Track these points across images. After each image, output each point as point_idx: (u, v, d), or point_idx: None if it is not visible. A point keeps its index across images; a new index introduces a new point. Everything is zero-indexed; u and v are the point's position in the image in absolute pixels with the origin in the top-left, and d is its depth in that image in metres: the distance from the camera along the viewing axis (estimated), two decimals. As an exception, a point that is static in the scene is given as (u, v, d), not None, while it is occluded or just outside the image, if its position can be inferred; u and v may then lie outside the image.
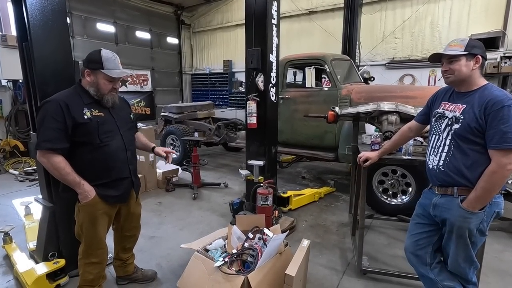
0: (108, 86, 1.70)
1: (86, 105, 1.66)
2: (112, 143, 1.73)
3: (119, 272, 2.22)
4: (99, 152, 1.68)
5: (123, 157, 1.80)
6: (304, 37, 8.66)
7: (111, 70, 1.66)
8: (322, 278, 2.34)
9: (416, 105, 2.90)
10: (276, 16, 2.99)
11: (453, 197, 1.50)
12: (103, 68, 1.64)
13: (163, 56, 10.88)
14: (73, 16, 8.10)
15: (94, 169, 1.69)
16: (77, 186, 1.64)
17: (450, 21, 6.72)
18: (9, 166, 5.46)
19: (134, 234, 2.15)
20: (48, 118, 1.56)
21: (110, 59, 1.66)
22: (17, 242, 2.67)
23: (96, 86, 1.68)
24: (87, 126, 1.63)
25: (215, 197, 4.15)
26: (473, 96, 1.46)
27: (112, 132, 1.74)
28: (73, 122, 1.59)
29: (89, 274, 1.84)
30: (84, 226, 1.74)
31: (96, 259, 1.83)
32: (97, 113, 1.68)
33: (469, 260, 1.54)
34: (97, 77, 1.66)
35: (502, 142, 1.33)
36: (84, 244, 1.81)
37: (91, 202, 1.68)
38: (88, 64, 1.67)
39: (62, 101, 1.59)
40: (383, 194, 3.39)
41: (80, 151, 1.66)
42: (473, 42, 1.47)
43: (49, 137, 1.55)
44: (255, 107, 3.02)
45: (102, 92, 1.69)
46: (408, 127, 1.91)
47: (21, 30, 2.11)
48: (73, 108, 1.60)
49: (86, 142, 1.65)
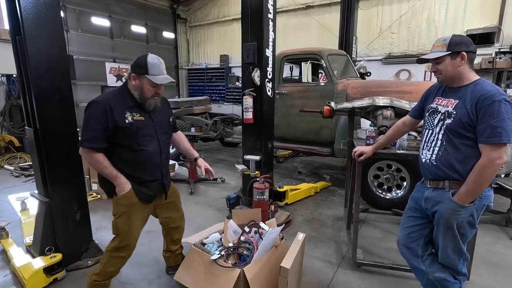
0: (152, 91, 1.73)
1: (129, 108, 1.72)
2: (149, 147, 1.78)
3: (169, 262, 2.27)
4: (135, 154, 1.74)
5: (157, 161, 1.84)
6: (301, 32, 8.63)
7: (155, 76, 1.69)
8: (317, 271, 2.38)
9: (412, 100, 2.92)
10: (272, 10, 2.97)
11: (444, 191, 1.53)
12: (147, 73, 1.67)
13: (159, 51, 10.76)
14: (67, 10, 7.98)
15: (130, 169, 1.76)
16: (114, 179, 1.71)
17: (446, 16, 6.74)
18: (4, 161, 5.43)
19: (179, 225, 2.19)
20: (93, 119, 1.65)
21: (155, 65, 1.69)
22: (13, 237, 2.67)
23: (140, 91, 1.72)
24: (127, 130, 1.69)
25: (211, 192, 4.17)
26: (465, 91, 1.48)
27: (150, 136, 1.79)
28: (115, 125, 1.66)
29: (112, 266, 1.87)
30: (120, 219, 1.78)
31: (124, 253, 1.86)
32: (138, 117, 1.72)
33: (459, 252, 1.58)
34: (142, 81, 1.70)
35: (492, 137, 1.35)
36: (117, 238, 1.82)
37: (127, 195, 1.73)
38: (134, 68, 1.71)
39: (108, 104, 1.66)
40: (378, 188, 3.43)
41: (118, 151, 1.73)
42: (456, 39, 1.48)
43: (91, 137, 1.64)
44: (251, 102, 3.02)
45: (145, 97, 1.73)
46: (403, 122, 1.93)
47: (14, 23, 2.08)
48: (116, 111, 1.67)
49: (125, 145, 1.72)
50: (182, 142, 2.17)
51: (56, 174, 2.26)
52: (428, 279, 1.68)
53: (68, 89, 2.27)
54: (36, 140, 2.18)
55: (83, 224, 2.46)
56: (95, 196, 3.91)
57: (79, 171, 2.42)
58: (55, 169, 2.25)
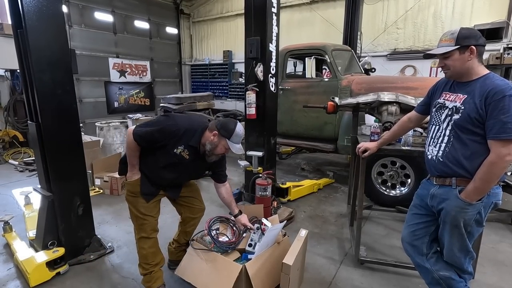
0: (223, 151, 1.87)
1: (187, 145, 1.82)
2: (169, 173, 1.90)
3: (172, 256, 2.30)
4: (157, 168, 1.88)
5: (167, 182, 1.97)
6: (305, 27, 8.54)
7: (234, 144, 1.84)
8: (319, 267, 2.37)
9: (417, 96, 2.88)
10: (276, 4, 2.93)
11: (451, 188, 1.49)
12: (229, 139, 1.82)
13: (162, 47, 10.74)
14: (71, 5, 7.96)
15: (145, 168, 1.90)
16: (131, 167, 1.88)
17: (453, 11, 6.61)
18: (9, 156, 5.47)
19: (196, 215, 2.22)
20: (161, 130, 1.77)
21: (238, 135, 1.84)
22: (17, 231, 2.69)
23: (215, 147, 1.83)
24: (169, 154, 1.82)
25: (214, 187, 4.15)
26: (474, 86, 1.44)
27: (178, 168, 1.89)
28: (163, 146, 1.80)
29: (142, 249, 1.95)
30: (129, 198, 1.93)
31: (144, 233, 1.93)
32: (186, 154, 1.83)
33: (465, 250, 1.55)
34: (220, 141, 1.82)
35: (501, 133, 1.31)
36: (134, 221, 1.96)
37: (133, 182, 1.89)
38: (220, 129, 1.82)
39: (180, 135, 1.79)
40: (382, 185, 3.40)
41: (148, 154, 1.87)
42: (465, 32, 1.42)
43: (143, 135, 1.76)
44: (254, 98, 3.00)
45: (215, 153, 1.86)
46: (408, 118, 1.89)
47: (15, 17, 2.07)
48: (177, 140, 1.79)
49: (157, 157, 1.85)
50: (223, 195, 2.21)
51: (59, 168, 2.26)
52: (432, 277, 1.66)
53: (70, 83, 2.26)
54: (38, 135, 2.18)
55: (85, 219, 2.46)
56: (98, 191, 3.93)
57: (82, 166, 2.42)
58: (58, 163, 2.25)
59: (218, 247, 1.96)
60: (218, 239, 2.01)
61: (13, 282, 2.19)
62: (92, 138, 4.68)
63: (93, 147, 4.35)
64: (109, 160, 4.29)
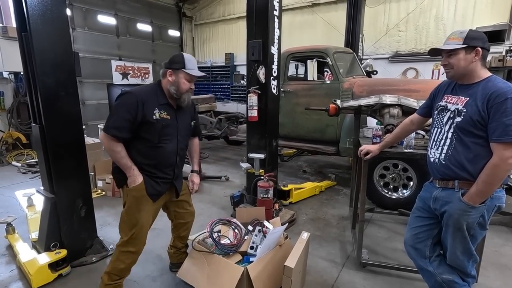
0: (187, 85, 1.81)
1: (159, 106, 1.77)
2: (167, 146, 1.83)
3: (173, 259, 2.29)
4: (154, 150, 1.79)
5: (172, 160, 1.89)
6: (307, 29, 8.56)
7: (191, 70, 1.79)
8: (321, 270, 2.36)
9: (419, 98, 2.87)
10: (278, 7, 2.95)
11: (454, 191, 1.49)
12: (185, 68, 1.77)
13: (165, 49, 10.79)
14: (74, 8, 8.03)
15: (144, 162, 1.80)
16: (128, 170, 1.75)
17: (455, 14, 6.61)
18: (12, 158, 5.50)
19: (188, 220, 2.19)
20: (123, 107, 1.69)
21: (191, 61, 1.81)
22: (19, 232, 2.70)
23: (177, 85, 1.79)
24: (152, 125, 1.74)
25: (216, 190, 4.16)
26: (476, 89, 1.44)
27: (171, 136, 1.84)
28: (142, 119, 1.70)
29: (122, 263, 1.85)
30: (130, 211, 1.81)
31: (134, 248, 1.85)
32: (165, 115, 1.78)
33: (468, 253, 1.54)
34: (178, 76, 1.78)
35: (504, 135, 1.31)
36: (127, 232, 1.82)
37: (138, 187, 1.77)
38: (170, 64, 1.80)
39: (140, 97, 1.71)
40: (384, 188, 3.39)
41: (138, 143, 1.77)
42: (473, 34, 1.43)
43: (117, 125, 1.67)
44: (256, 100, 3.00)
45: (181, 91, 1.80)
46: (410, 120, 1.89)
47: (20, 20, 2.09)
48: (147, 106, 1.72)
49: (146, 138, 1.76)
50: (192, 147, 2.19)
51: (61, 170, 2.27)
52: (435, 280, 1.65)
53: (74, 86, 2.28)
54: (41, 137, 2.19)
55: (87, 221, 2.47)
56: (100, 193, 3.94)
57: (84, 168, 2.43)
58: (60, 165, 2.26)
59: (220, 250, 1.96)
60: (220, 242, 2.01)
61: (15, 283, 2.19)
62: (94, 140, 4.70)
63: (95, 149, 4.36)
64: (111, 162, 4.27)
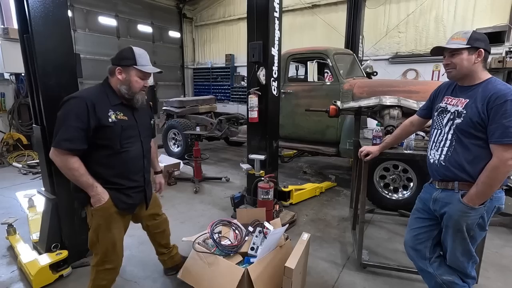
0: (140, 83, 1.63)
1: (112, 107, 1.58)
2: (132, 150, 1.65)
3: (166, 264, 2.22)
4: (117, 157, 1.60)
5: (139, 165, 1.72)
6: (307, 31, 8.59)
7: (144, 66, 1.61)
8: (322, 271, 2.36)
9: (419, 99, 2.88)
10: (278, 9, 2.95)
11: (453, 192, 1.49)
12: (136, 64, 1.58)
13: (165, 50, 10.84)
14: (75, 10, 8.07)
15: (109, 174, 1.60)
16: (90, 189, 1.54)
17: (455, 15, 6.63)
18: (13, 159, 5.51)
19: (164, 229, 2.11)
20: (71, 115, 1.46)
21: (142, 55, 1.61)
22: (20, 233, 2.70)
23: (129, 84, 1.59)
24: (110, 129, 1.54)
25: (216, 191, 4.17)
26: (476, 90, 1.44)
27: (133, 138, 1.66)
28: (97, 124, 1.50)
29: (102, 280, 1.73)
30: (100, 231, 1.63)
31: (111, 265, 1.71)
32: (121, 116, 1.59)
33: (468, 254, 1.54)
34: (130, 74, 1.59)
35: (504, 137, 1.32)
36: (100, 252, 1.68)
37: (105, 206, 1.57)
38: (119, 61, 1.59)
39: (89, 100, 1.50)
40: (384, 189, 3.39)
41: (97, 154, 1.57)
42: (476, 35, 1.44)
43: (70, 137, 1.45)
44: (256, 101, 3.01)
45: (134, 90, 1.61)
46: (410, 122, 1.90)
47: (22, 22, 2.10)
48: (99, 109, 1.51)
49: (106, 146, 1.57)
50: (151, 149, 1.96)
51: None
52: (436, 282, 1.65)
53: (75, 87, 2.28)
54: (43, 138, 2.20)
55: (88, 222, 2.47)
56: (101, 194, 3.94)
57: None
58: (62, 166, 2.26)
59: (221, 251, 1.96)
60: (221, 243, 2.02)
61: (16, 284, 2.20)
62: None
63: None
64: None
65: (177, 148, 5.93)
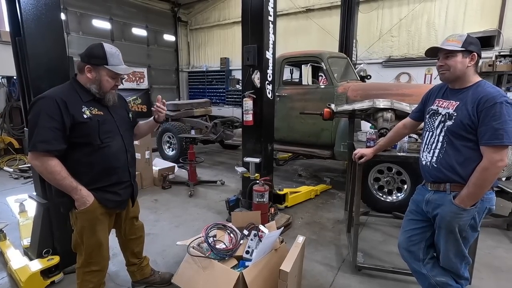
0: (111, 83, 1.57)
1: (85, 103, 1.52)
2: (113, 144, 1.59)
3: (135, 276, 2.10)
4: (99, 154, 1.55)
5: (123, 159, 1.67)
6: (301, 35, 8.66)
7: (116, 66, 1.54)
8: (317, 274, 2.36)
9: (412, 102, 2.91)
10: (272, 13, 2.98)
11: (445, 193, 1.51)
12: (107, 64, 1.51)
13: (160, 53, 10.82)
14: (68, 12, 8.03)
15: (93, 173, 1.55)
16: (73, 192, 1.48)
17: (446, 20, 6.76)
18: (4, 163, 5.41)
19: (140, 235, 2.05)
20: (43, 116, 1.40)
21: (114, 55, 1.54)
22: (11, 239, 2.65)
23: (99, 84, 1.54)
24: (87, 125, 1.49)
25: (211, 194, 4.15)
26: (467, 93, 1.47)
27: (112, 133, 1.61)
28: (72, 121, 1.45)
29: (89, 282, 1.69)
30: (84, 234, 1.59)
31: (97, 267, 1.68)
32: (96, 111, 1.54)
33: (461, 256, 1.56)
34: (100, 73, 1.53)
35: (493, 139, 1.34)
36: (84, 253, 1.65)
37: (89, 208, 1.52)
38: (89, 59, 1.52)
39: (59, 98, 1.44)
40: (378, 191, 3.42)
41: (77, 153, 1.51)
42: (471, 39, 1.47)
43: (46, 138, 1.38)
44: (251, 104, 3.02)
45: (105, 90, 1.56)
46: (403, 124, 1.92)
47: (14, 24, 2.08)
48: (71, 106, 1.46)
49: (85, 143, 1.51)
50: (140, 126, 1.95)
51: (55, 175, 2.24)
52: (429, 283, 1.66)
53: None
54: (34, 142, 2.16)
55: (81, 226, 2.43)
56: (94, 198, 3.89)
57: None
58: (54, 170, 2.23)
59: (215, 254, 1.95)
60: (215, 246, 2.00)
61: (6, 291, 2.15)
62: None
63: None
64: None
65: (172, 151, 5.91)
